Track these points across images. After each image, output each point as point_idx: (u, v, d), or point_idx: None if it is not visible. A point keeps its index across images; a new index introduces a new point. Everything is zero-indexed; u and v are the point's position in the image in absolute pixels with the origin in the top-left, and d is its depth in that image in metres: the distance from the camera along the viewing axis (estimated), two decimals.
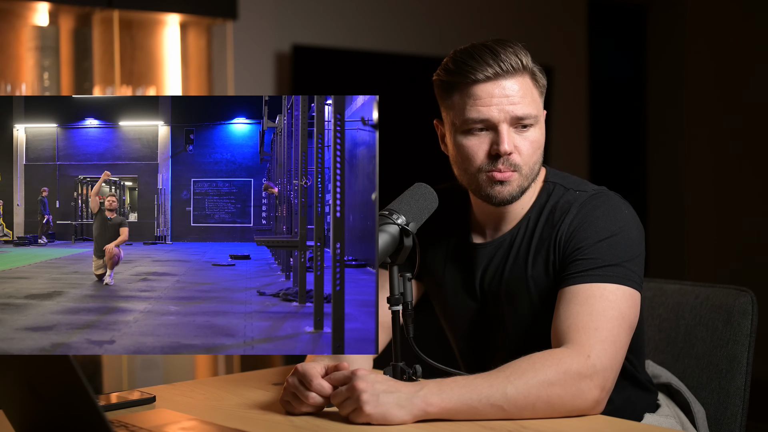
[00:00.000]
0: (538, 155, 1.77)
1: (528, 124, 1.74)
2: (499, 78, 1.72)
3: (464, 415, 1.53)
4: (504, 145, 1.72)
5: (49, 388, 1.29)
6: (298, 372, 1.61)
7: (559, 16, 5.64)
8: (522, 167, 1.75)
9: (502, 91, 1.72)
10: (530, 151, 1.75)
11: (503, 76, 1.72)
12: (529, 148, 1.75)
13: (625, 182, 6.32)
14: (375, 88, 4.62)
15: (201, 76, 4.13)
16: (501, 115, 1.72)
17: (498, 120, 1.73)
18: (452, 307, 1.92)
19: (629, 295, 1.68)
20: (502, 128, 1.72)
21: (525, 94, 1.74)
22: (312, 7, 4.68)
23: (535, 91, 1.76)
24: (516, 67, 1.73)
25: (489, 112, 1.72)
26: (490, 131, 1.74)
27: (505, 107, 1.72)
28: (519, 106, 1.73)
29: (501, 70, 1.72)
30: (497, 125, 1.73)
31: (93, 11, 3.69)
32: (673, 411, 1.92)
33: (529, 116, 1.74)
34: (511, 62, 1.73)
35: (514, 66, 1.73)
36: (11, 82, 3.60)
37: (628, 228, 1.74)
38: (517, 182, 1.76)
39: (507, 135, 1.72)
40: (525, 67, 1.75)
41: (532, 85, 1.76)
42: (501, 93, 1.72)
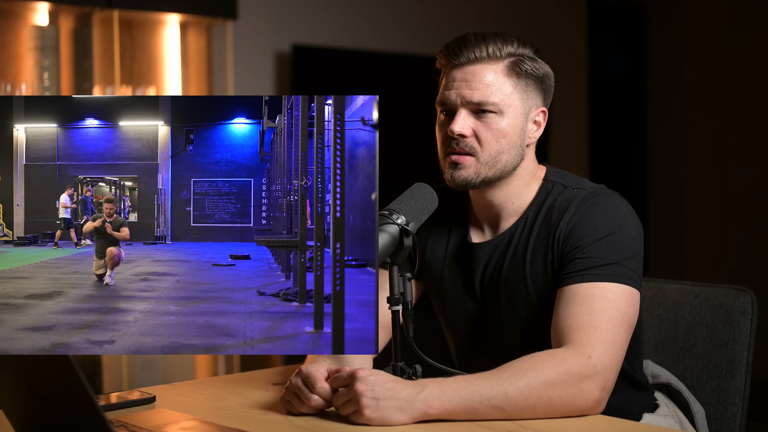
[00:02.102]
0: (502, 144, 1.77)
1: (487, 110, 1.75)
2: (469, 64, 1.76)
3: (464, 416, 1.53)
4: (454, 125, 1.75)
5: (49, 388, 1.29)
6: (302, 373, 1.61)
7: (559, 16, 5.64)
8: (479, 153, 1.76)
9: (463, 76, 1.76)
10: (490, 138, 1.75)
11: (472, 63, 1.76)
12: (489, 135, 1.75)
13: (625, 181, 6.32)
14: (375, 88, 4.62)
15: (201, 76, 4.13)
16: (458, 99, 1.76)
17: (455, 103, 1.76)
18: (451, 307, 1.92)
19: (629, 294, 1.68)
20: (459, 111, 1.76)
21: (490, 82, 1.75)
22: (312, 7, 4.68)
23: (506, 82, 1.76)
24: (487, 55, 1.75)
25: (448, 96, 1.77)
26: (451, 115, 1.78)
27: (462, 91, 1.75)
28: (477, 92, 1.74)
29: (474, 56, 1.75)
30: (456, 108, 1.76)
31: (93, 11, 3.69)
32: (672, 411, 1.91)
33: (487, 103, 1.75)
34: (482, 51, 1.75)
35: (484, 54, 1.75)
36: (11, 82, 3.60)
37: (627, 226, 1.73)
38: (474, 168, 1.77)
39: (460, 118, 1.75)
40: (498, 56, 1.76)
41: (504, 76, 1.76)
42: (462, 78, 1.76)
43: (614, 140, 6.40)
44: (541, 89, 1.81)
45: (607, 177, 5.66)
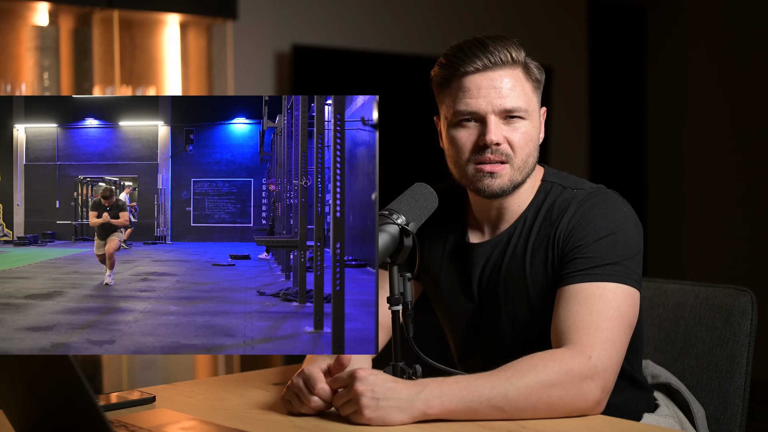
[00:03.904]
0: (530, 148, 1.77)
1: (517, 116, 1.75)
2: (488, 70, 1.74)
3: (464, 416, 1.53)
4: (490, 135, 1.73)
5: (49, 388, 1.29)
6: (303, 374, 1.61)
7: (559, 16, 5.64)
8: (513, 159, 1.75)
9: (490, 83, 1.73)
10: (521, 143, 1.75)
11: (492, 68, 1.74)
12: (521, 139, 1.75)
13: (625, 182, 6.32)
14: (375, 88, 4.62)
15: (201, 76, 4.13)
16: (489, 107, 1.73)
17: (486, 111, 1.74)
18: (449, 307, 1.92)
19: (629, 293, 1.68)
20: (490, 119, 1.73)
21: (514, 86, 1.74)
22: (312, 7, 4.68)
23: (527, 85, 1.77)
24: (505, 60, 1.74)
25: (477, 104, 1.74)
26: (478, 123, 1.75)
27: (493, 99, 1.73)
28: (508, 99, 1.73)
29: (489, 62, 1.73)
30: (485, 117, 1.74)
31: (93, 11, 3.69)
32: (672, 411, 1.91)
33: (519, 109, 1.74)
34: (501, 55, 1.74)
35: (503, 59, 1.74)
36: (11, 82, 3.60)
37: (627, 226, 1.74)
38: (509, 175, 1.76)
39: (494, 126, 1.73)
40: (515, 61, 1.75)
41: (523, 79, 1.76)
42: (489, 85, 1.73)
43: (614, 140, 6.39)
44: (540, 90, 1.82)
45: (607, 177, 5.66)
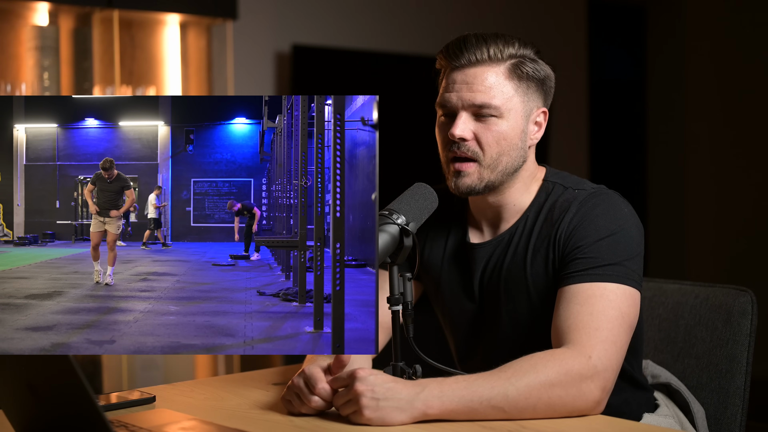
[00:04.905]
0: (503, 147, 1.76)
1: (488, 114, 1.74)
2: (470, 66, 1.74)
3: (464, 416, 1.53)
4: (454, 129, 1.73)
5: (49, 388, 1.29)
6: (304, 374, 1.61)
7: (559, 16, 5.64)
8: (482, 157, 1.75)
9: (464, 78, 1.74)
10: (490, 140, 1.75)
11: (473, 65, 1.74)
12: (491, 138, 1.75)
13: (625, 182, 6.32)
14: (375, 88, 4.62)
15: (201, 76, 4.13)
16: (459, 102, 1.74)
17: (456, 106, 1.75)
18: (450, 307, 1.92)
19: (629, 294, 1.68)
20: (460, 114, 1.74)
21: (492, 85, 1.74)
22: (312, 7, 4.68)
23: (508, 84, 1.75)
24: (481, 58, 1.74)
25: (449, 98, 1.75)
26: (451, 118, 1.77)
27: (463, 94, 1.74)
28: (479, 94, 1.73)
29: (470, 60, 1.74)
30: (457, 111, 1.75)
31: (93, 11, 3.69)
32: (672, 411, 1.91)
33: (489, 106, 1.74)
34: (478, 53, 1.74)
35: (478, 57, 1.74)
36: (11, 82, 3.60)
37: (628, 226, 1.73)
38: (477, 174, 1.76)
39: (461, 121, 1.74)
40: (499, 59, 1.74)
41: (505, 77, 1.75)
42: (463, 80, 1.74)
43: (614, 140, 6.40)
44: (542, 90, 1.80)
45: (607, 177, 5.66)
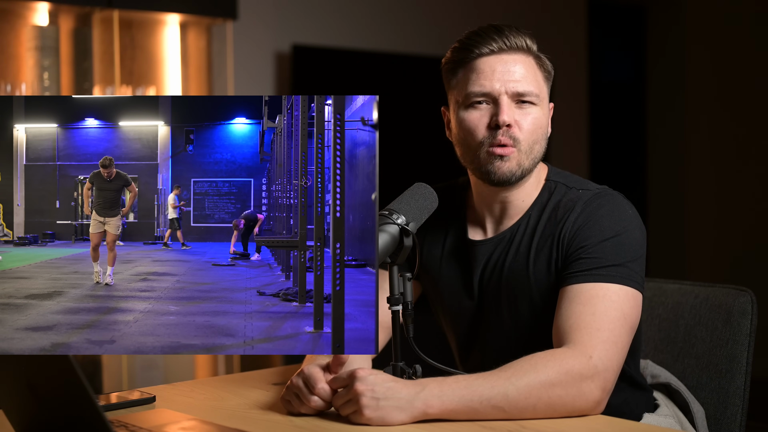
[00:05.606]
0: (539, 135, 1.77)
1: (529, 101, 1.75)
2: (503, 53, 1.75)
3: (464, 416, 1.53)
4: (503, 116, 1.73)
5: (49, 388, 1.28)
6: (303, 374, 1.61)
7: (559, 16, 5.64)
8: (521, 142, 1.75)
9: (504, 66, 1.74)
10: (531, 127, 1.75)
11: (507, 52, 1.75)
12: (530, 124, 1.75)
13: (625, 182, 6.32)
14: (375, 88, 4.62)
15: (201, 76, 4.13)
16: (502, 88, 1.74)
17: (499, 92, 1.74)
18: (449, 305, 1.92)
19: (632, 295, 1.67)
20: (503, 100, 1.74)
21: (527, 72, 1.75)
22: (312, 7, 4.68)
23: (539, 73, 1.77)
24: (520, 46, 1.75)
25: (491, 85, 1.74)
26: (491, 104, 1.75)
27: (507, 81, 1.74)
28: (521, 83, 1.74)
29: (505, 45, 1.74)
30: (498, 98, 1.74)
31: (93, 11, 3.69)
32: (672, 411, 1.91)
33: (530, 93, 1.75)
34: (516, 40, 1.75)
35: (518, 44, 1.75)
36: (11, 82, 3.60)
37: (632, 228, 1.73)
38: (516, 159, 1.75)
39: (507, 107, 1.73)
40: (529, 49, 1.77)
41: (536, 67, 1.77)
42: (503, 68, 1.74)
43: (614, 140, 6.40)
44: (550, 83, 1.83)
45: (607, 177, 5.65)
